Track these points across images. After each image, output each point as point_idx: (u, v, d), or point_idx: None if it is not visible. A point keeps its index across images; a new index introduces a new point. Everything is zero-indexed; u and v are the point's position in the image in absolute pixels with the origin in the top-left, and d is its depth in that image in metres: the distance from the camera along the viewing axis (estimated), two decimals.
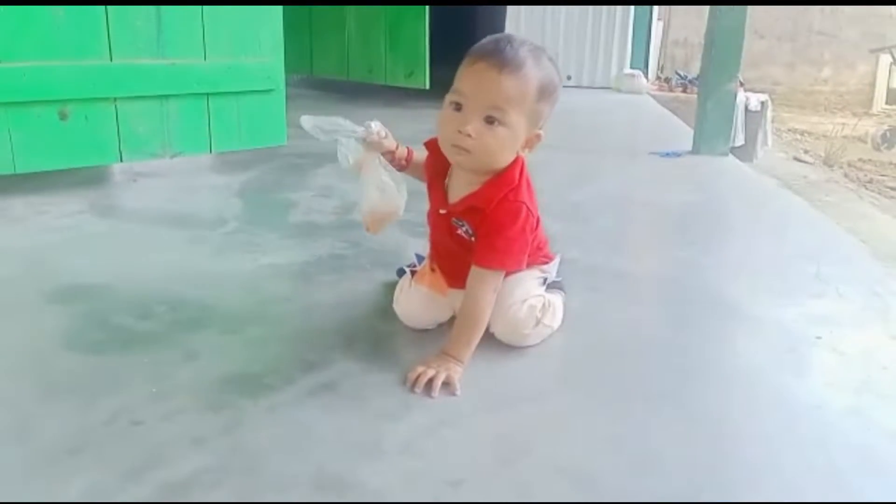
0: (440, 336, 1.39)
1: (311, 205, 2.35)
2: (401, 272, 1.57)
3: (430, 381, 1.19)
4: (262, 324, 1.45)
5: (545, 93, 1.26)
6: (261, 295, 1.61)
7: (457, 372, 1.23)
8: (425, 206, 1.45)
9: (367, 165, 1.41)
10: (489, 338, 1.38)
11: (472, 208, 1.30)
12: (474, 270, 1.30)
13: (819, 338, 1.46)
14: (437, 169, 1.38)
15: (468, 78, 1.24)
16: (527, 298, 1.34)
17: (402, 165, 1.46)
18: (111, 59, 2.28)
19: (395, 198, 1.43)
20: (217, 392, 1.18)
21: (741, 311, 1.61)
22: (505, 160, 1.28)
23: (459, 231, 1.34)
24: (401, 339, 1.40)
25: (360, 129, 1.39)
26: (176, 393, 1.17)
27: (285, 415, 1.12)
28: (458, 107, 1.24)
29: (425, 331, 1.42)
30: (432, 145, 1.38)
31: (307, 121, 1.37)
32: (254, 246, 1.92)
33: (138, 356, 1.29)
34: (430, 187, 1.42)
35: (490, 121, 1.23)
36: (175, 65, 2.44)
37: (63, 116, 2.23)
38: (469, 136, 1.22)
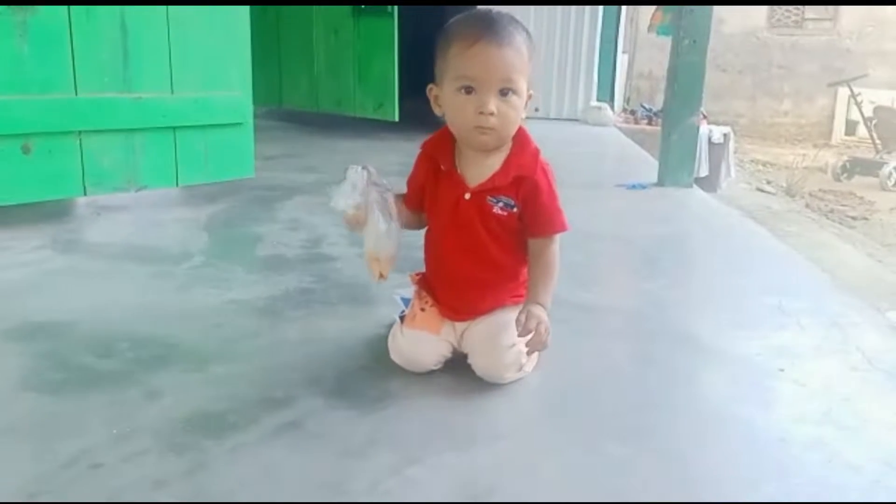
0: (406, 371, 1.38)
1: (278, 238, 2.34)
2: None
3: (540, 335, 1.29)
4: (226, 361, 1.43)
5: (531, 52, 1.32)
6: (226, 331, 1.59)
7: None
8: None
9: (370, 206, 1.34)
10: (459, 372, 1.38)
11: (518, 179, 1.34)
12: (540, 241, 1.38)
13: (782, 370, 1.48)
14: (441, 161, 1.38)
15: (472, 61, 1.27)
16: (516, 343, 1.34)
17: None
18: (76, 93, 2.27)
19: (396, 237, 1.37)
20: (180, 432, 1.16)
21: (706, 344, 1.62)
22: (517, 124, 1.34)
23: (496, 209, 1.35)
24: (367, 375, 1.39)
25: (359, 169, 1.33)
26: (137, 434, 1.15)
27: (249, 455, 1.10)
28: (469, 90, 1.28)
29: (391, 367, 1.40)
30: (430, 144, 1.42)
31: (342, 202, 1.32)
32: (220, 281, 1.90)
33: (99, 396, 1.27)
34: (435, 184, 1.40)
35: (504, 93, 1.28)
36: (141, 99, 2.43)
37: (26, 150, 2.20)
38: (492, 114, 1.27)
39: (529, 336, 1.28)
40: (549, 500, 1.03)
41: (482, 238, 1.37)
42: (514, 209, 1.36)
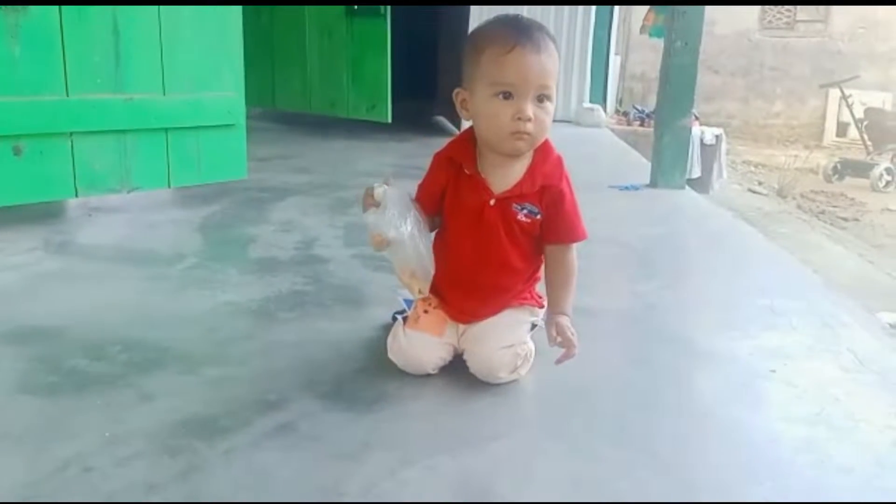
0: (401, 373, 1.38)
1: (271, 240, 2.34)
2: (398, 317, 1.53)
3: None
4: (220, 363, 1.43)
5: (559, 60, 1.33)
6: (219, 333, 1.58)
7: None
8: None
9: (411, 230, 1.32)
10: (454, 375, 1.38)
11: (545, 187, 1.35)
12: (559, 249, 1.39)
13: (773, 371, 1.49)
14: (465, 165, 1.37)
15: (510, 66, 1.27)
16: (514, 345, 1.35)
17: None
18: (67, 95, 2.26)
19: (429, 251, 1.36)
20: (173, 436, 1.15)
21: (699, 346, 1.63)
22: (548, 133, 1.36)
23: (520, 216, 1.36)
24: (362, 377, 1.39)
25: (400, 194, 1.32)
26: (130, 437, 1.14)
27: (243, 458, 1.10)
28: (507, 96, 1.28)
29: (386, 369, 1.40)
30: (451, 147, 1.41)
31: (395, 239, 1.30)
32: (213, 282, 1.90)
33: (92, 399, 1.26)
34: (457, 188, 1.39)
35: (541, 100, 1.29)
36: (133, 100, 2.42)
37: (17, 152, 2.19)
38: (530, 120, 1.28)
39: (563, 351, 1.32)
40: (542, 500, 1.04)
41: (503, 244, 1.37)
42: (538, 216, 1.36)
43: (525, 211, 1.36)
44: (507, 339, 1.35)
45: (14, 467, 1.06)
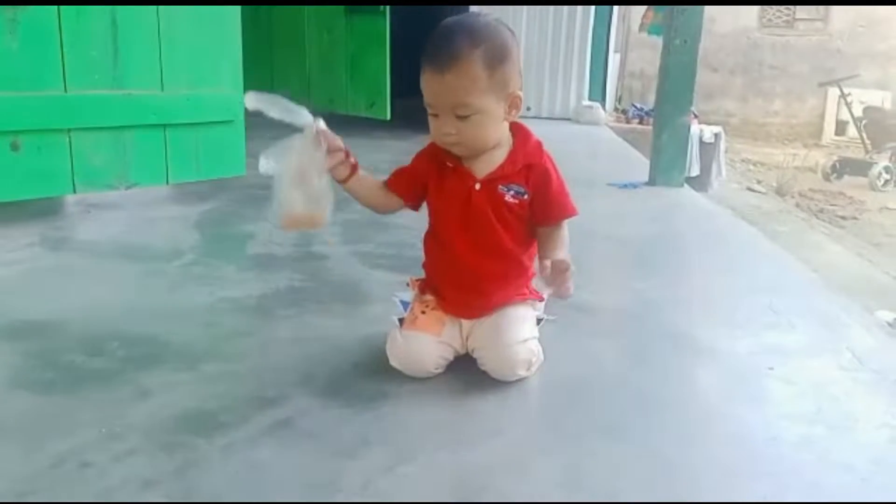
0: (398, 370, 1.38)
1: (269, 236, 2.33)
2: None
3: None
4: (217, 360, 1.43)
5: (496, 61, 1.28)
6: (217, 330, 1.58)
7: None
8: (379, 237, 1.44)
9: (297, 164, 1.36)
10: (453, 372, 1.38)
11: (527, 167, 1.36)
12: (553, 228, 1.39)
13: (772, 369, 1.49)
14: (447, 159, 1.38)
15: (425, 88, 1.30)
16: (527, 339, 1.35)
17: (346, 175, 1.43)
18: (66, 90, 2.26)
19: (322, 204, 1.37)
20: (170, 431, 1.15)
21: (697, 343, 1.63)
22: (497, 133, 1.35)
23: (507, 197, 1.36)
24: (360, 373, 1.38)
25: (310, 117, 1.35)
26: (127, 433, 1.14)
27: (240, 454, 1.10)
28: (433, 112, 1.31)
29: (384, 366, 1.39)
30: (432, 146, 1.41)
31: (252, 98, 1.33)
32: (211, 279, 1.90)
33: (89, 395, 1.26)
34: (440, 181, 1.39)
35: (461, 117, 1.28)
36: (131, 95, 2.42)
37: (15, 147, 2.19)
38: (449, 134, 1.30)
39: (550, 290, 1.29)
40: (540, 499, 1.03)
41: (495, 229, 1.37)
42: (525, 196, 1.36)
43: (512, 192, 1.36)
44: (520, 334, 1.35)
45: (10, 462, 1.06)
